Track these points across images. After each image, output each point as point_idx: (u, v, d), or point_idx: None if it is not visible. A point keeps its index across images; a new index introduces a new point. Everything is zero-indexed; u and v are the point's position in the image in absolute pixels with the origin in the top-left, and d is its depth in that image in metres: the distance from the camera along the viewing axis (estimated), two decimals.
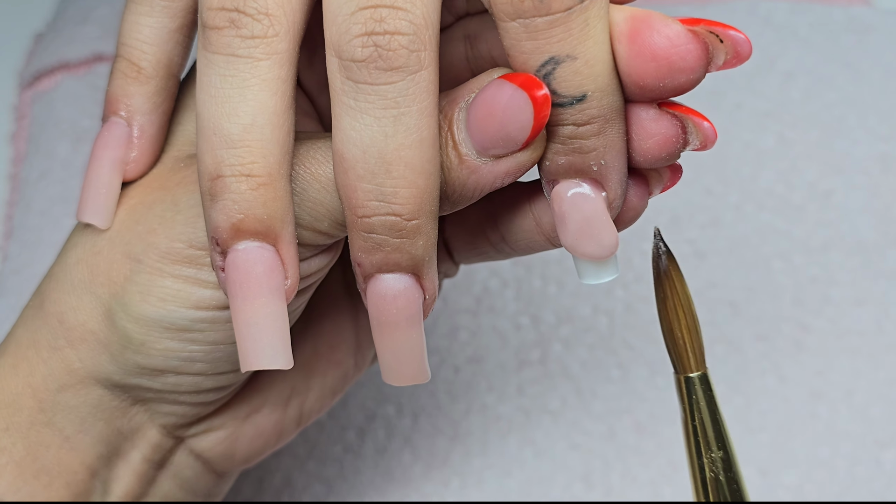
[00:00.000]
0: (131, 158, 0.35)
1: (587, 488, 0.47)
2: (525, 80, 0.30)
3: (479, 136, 0.30)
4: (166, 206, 0.33)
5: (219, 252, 0.31)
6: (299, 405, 0.38)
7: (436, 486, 0.47)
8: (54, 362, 0.34)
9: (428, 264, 0.31)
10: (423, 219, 0.30)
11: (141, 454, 0.36)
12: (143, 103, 0.35)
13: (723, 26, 0.30)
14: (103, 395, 0.35)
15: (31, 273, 0.52)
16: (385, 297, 0.31)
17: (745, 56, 0.30)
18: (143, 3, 0.34)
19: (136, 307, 0.33)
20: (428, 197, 0.30)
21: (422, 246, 0.30)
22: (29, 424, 0.35)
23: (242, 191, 0.30)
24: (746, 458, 0.47)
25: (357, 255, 0.31)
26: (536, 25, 0.29)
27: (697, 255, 0.51)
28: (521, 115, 0.30)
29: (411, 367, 0.32)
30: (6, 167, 0.56)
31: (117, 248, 0.34)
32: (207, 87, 0.30)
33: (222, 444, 0.37)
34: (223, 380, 0.35)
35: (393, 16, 0.29)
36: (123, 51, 0.35)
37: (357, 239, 0.30)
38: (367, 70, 0.29)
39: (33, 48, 0.59)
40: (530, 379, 0.49)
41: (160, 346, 0.34)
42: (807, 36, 0.57)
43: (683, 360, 0.32)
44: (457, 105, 0.31)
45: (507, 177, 0.31)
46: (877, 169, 0.53)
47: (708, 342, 0.49)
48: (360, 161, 0.29)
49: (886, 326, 0.49)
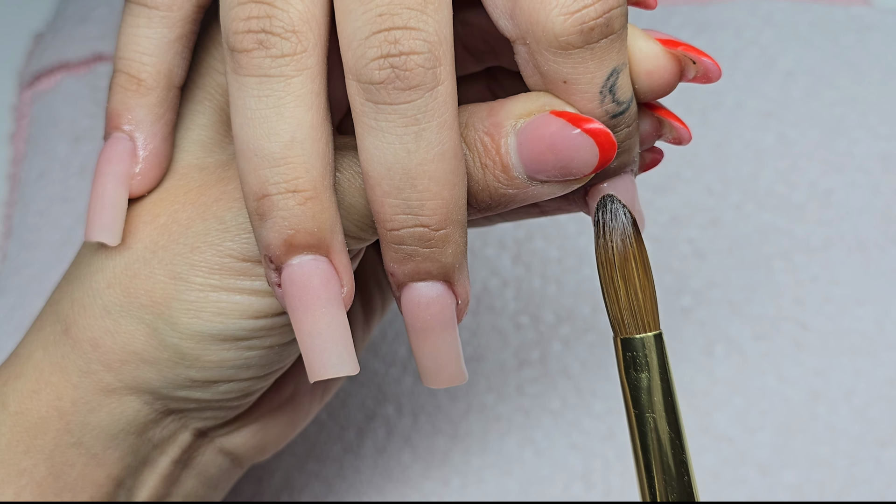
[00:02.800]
0: (137, 172, 0.34)
1: (587, 488, 0.47)
2: (585, 120, 0.31)
3: (535, 166, 0.31)
4: (209, 225, 0.33)
5: (273, 269, 0.31)
6: (323, 383, 0.39)
7: (435, 486, 0.47)
8: (86, 386, 0.34)
9: (458, 271, 0.32)
10: (451, 228, 0.31)
11: (169, 458, 0.36)
12: (145, 115, 0.34)
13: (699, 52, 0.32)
14: (140, 409, 0.35)
15: (31, 273, 0.52)
16: (419, 304, 0.32)
17: (714, 79, 0.33)
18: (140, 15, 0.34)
19: (188, 324, 0.33)
20: (454, 206, 0.30)
21: (451, 254, 0.31)
22: (54, 446, 0.34)
23: (290, 207, 0.30)
24: (746, 457, 0.47)
25: (389, 266, 0.31)
26: (601, 47, 0.30)
27: (697, 254, 0.51)
28: (585, 157, 0.31)
29: (448, 370, 0.33)
30: (5, 167, 0.56)
31: (156, 269, 0.34)
32: (243, 110, 0.30)
33: (255, 437, 0.38)
34: (271, 379, 0.36)
35: (407, 36, 0.29)
36: (122, 64, 0.34)
37: (388, 251, 0.31)
38: (386, 91, 0.29)
39: (33, 48, 0.59)
40: (530, 378, 0.49)
41: (216, 358, 0.34)
42: (807, 35, 0.57)
43: (648, 318, 0.33)
44: (503, 129, 0.31)
45: (553, 196, 0.32)
46: (877, 168, 0.53)
47: (707, 342, 0.49)
48: (385, 178, 0.30)
49: (887, 326, 0.49)
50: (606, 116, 0.31)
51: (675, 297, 0.50)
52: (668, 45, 0.32)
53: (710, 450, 0.47)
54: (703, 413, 0.48)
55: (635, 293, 0.32)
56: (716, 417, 0.48)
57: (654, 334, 0.33)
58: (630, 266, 0.32)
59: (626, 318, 0.32)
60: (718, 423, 0.48)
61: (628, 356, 0.33)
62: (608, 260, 0.32)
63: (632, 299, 0.32)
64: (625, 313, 0.32)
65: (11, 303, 0.51)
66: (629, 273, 0.32)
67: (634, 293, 0.32)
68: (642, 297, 0.32)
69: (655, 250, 0.51)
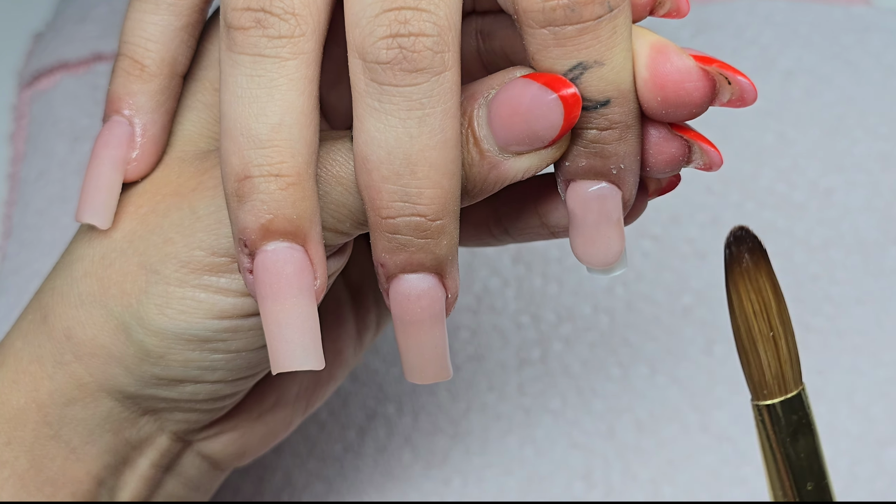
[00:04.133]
0: (133, 158, 0.34)
1: (588, 487, 0.47)
2: (550, 79, 0.30)
3: (504, 133, 0.30)
4: (183, 214, 0.33)
5: (246, 254, 0.30)
6: (307, 398, 0.39)
7: (436, 485, 0.47)
8: (61, 377, 0.34)
9: (450, 263, 0.31)
10: (447, 219, 0.30)
11: (149, 461, 0.36)
12: (146, 102, 0.34)
13: (734, 71, 0.31)
14: (113, 406, 0.34)
15: (30, 272, 0.52)
16: (409, 296, 0.31)
17: (749, 101, 0.31)
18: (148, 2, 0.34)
19: (153, 320, 0.33)
20: (451, 197, 0.30)
21: (445, 245, 0.30)
22: (34, 438, 0.34)
23: (272, 191, 0.29)
24: (747, 457, 0.47)
25: (380, 256, 0.31)
26: (566, 33, 0.30)
27: (697, 254, 0.51)
28: (551, 115, 0.30)
29: (434, 366, 0.32)
30: (5, 167, 0.56)
31: (131, 259, 0.33)
32: (233, 88, 0.30)
33: (234, 444, 0.37)
34: (241, 385, 0.35)
35: (417, 17, 0.29)
36: (127, 49, 0.34)
37: (381, 240, 0.30)
38: (392, 72, 0.29)
39: (32, 48, 0.59)
40: (531, 378, 0.49)
41: (181, 357, 0.33)
42: (807, 35, 0.57)
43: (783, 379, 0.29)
44: (475, 101, 0.31)
45: (527, 172, 0.31)
46: (877, 167, 0.53)
47: (708, 341, 0.49)
48: (384, 162, 0.29)
49: (887, 325, 0.49)
50: None
51: (675, 296, 0.50)
52: (701, 61, 0.31)
53: (710, 449, 0.47)
54: (703, 412, 0.48)
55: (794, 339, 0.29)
56: (716, 417, 0.48)
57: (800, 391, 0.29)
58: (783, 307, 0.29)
59: (789, 373, 0.29)
60: (719, 423, 0.48)
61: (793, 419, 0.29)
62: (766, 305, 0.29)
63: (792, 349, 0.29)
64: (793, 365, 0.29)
65: (11, 303, 0.51)
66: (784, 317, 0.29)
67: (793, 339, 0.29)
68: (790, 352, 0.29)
69: (655, 250, 0.51)
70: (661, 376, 0.49)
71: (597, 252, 0.32)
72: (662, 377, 0.49)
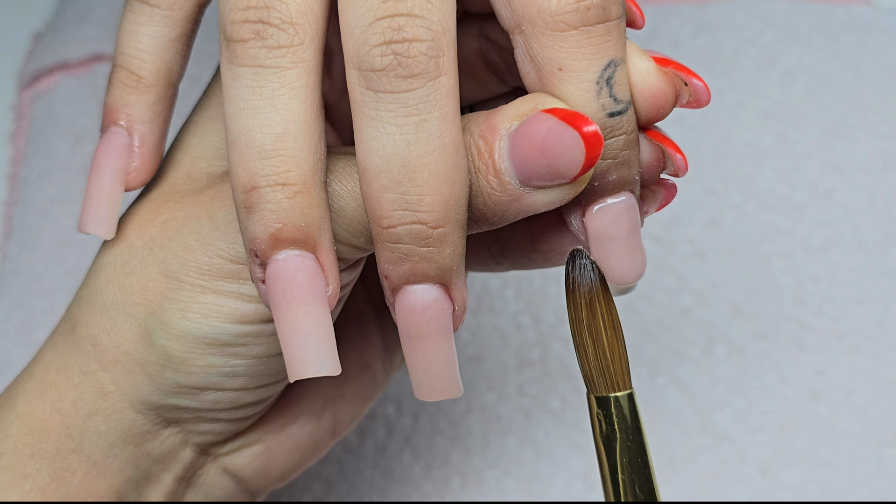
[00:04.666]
0: (133, 168, 0.35)
1: (587, 488, 0.47)
2: (568, 114, 0.30)
3: (524, 168, 0.30)
4: (202, 223, 0.33)
5: (258, 264, 0.30)
6: (333, 414, 0.38)
7: (436, 486, 0.47)
8: (85, 387, 0.34)
9: (456, 274, 0.30)
10: (450, 227, 0.30)
11: (172, 475, 0.36)
12: (143, 112, 0.34)
13: (688, 72, 0.32)
14: (135, 419, 0.34)
15: (31, 273, 0.52)
16: (414, 309, 0.30)
17: (704, 103, 0.32)
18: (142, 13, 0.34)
19: (176, 324, 0.33)
20: (454, 204, 0.29)
21: (449, 255, 0.30)
22: (55, 451, 0.34)
23: (279, 200, 0.29)
24: (747, 457, 0.47)
25: (384, 268, 0.30)
26: (598, 31, 0.30)
27: (697, 254, 0.51)
28: (571, 153, 0.30)
29: (443, 381, 0.31)
30: (5, 167, 0.56)
31: (151, 266, 0.33)
32: (236, 100, 0.30)
33: (258, 459, 0.37)
34: (263, 393, 0.35)
35: (411, 24, 0.29)
36: (122, 60, 0.34)
37: (383, 251, 0.30)
38: (388, 78, 0.29)
39: (32, 48, 0.59)
40: (531, 378, 0.49)
41: (202, 363, 0.33)
42: (807, 35, 0.57)
43: (617, 377, 0.31)
44: (497, 132, 0.30)
45: (550, 206, 0.31)
46: (878, 168, 0.53)
47: (708, 342, 0.49)
48: (383, 171, 0.29)
49: (887, 325, 0.49)
50: (602, 112, 0.30)
51: (676, 297, 0.50)
52: (659, 63, 0.31)
53: (710, 450, 0.47)
54: (703, 413, 0.48)
55: (603, 352, 0.31)
56: (716, 417, 0.48)
57: (626, 394, 0.31)
58: (598, 324, 0.31)
59: (597, 377, 0.31)
60: (719, 423, 0.48)
61: (599, 414, 0.31)
62: (577, 317, 0.31)
63: (600, 358, 0.31)
64: (594, 371, 0.31)
65: (11, 303, 0.51)
66: (597, 332, 0.31)
67: (603, 352, 0.31)
68: (611, 356, 0.31)
69: (655, 250, 0.51)
70: (661, 377, 0.49)
71: (633, 266, 0.32)
72: (662, 378, 0.49)
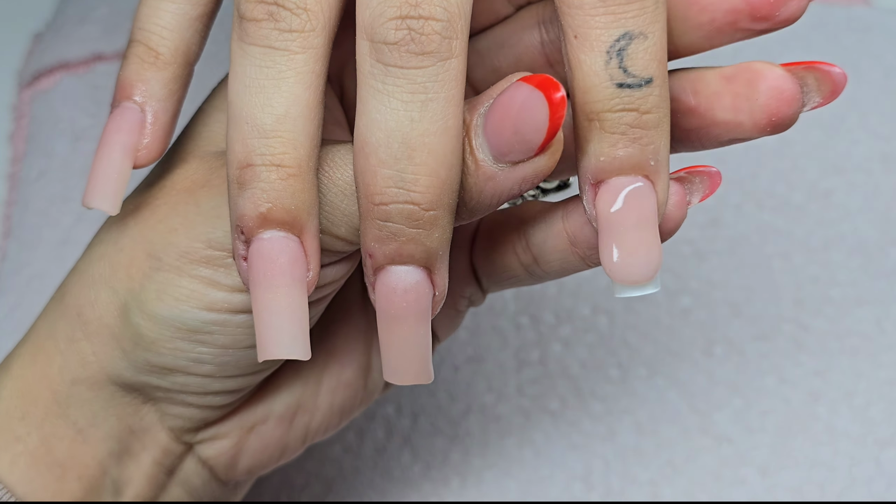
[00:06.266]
0: (143, 145, 0.34)
1: (587, 488, 0.47)
2: (542, 80, 0.30)
3: (495, 139, 0.30)
4: (189, 208, 0.33)
5: (242, 241, 0.31)
6: (305, 423, 0.38)
7: (435, 486, 0.47)
8: (70, 354, 0.35)
9: (441, 259, 0.30)
10: (441, 210, 0.30)
11: (151, 457, 0.36)
12: (159, 89, 0.34)
13: (815, 64, 0.32)
14: (115, 391, 0.35)
15: (30, 272, 0.52)
16: (395, 289, 0.30)
17: (839, 88, 0.33)
18: None
19: (151, 305, 0.33)
20: (447, 189, 0.30)
21: (437, 238, 0.30)
22: (44, 415, 0.35)
23: (272, 180, 0.30)
24: (746, 458, 0.47)
25: (369, 245, 0.30)
26: (615, 0, 0.30)
27: (697, 255, 0.51)
28: (537, 116, 0.29)
29: (415, 366, 0.31)
30: (5, 166, 0.56)
31: (139, 245, 0.34)
32: (242, 77, 0.30)
33: (227, 452, 0.37)
34: (230, 384, 0.35)
35: (428, 1, 0.29)
36: (141, 35, 0.34)
37: (371, 228, 0.30)
38: (399, 53, 0.29)
39: (33, 48, 0.59)
40: (530, 379, 0.49)
41: (170, 346, 0.34)
42: (807, 36, 0.57)
43: None
44: (476, 111, 0.30)
45: (524, 183, 0.31)
46: (877, 168, 0.53)
47: (707, 342, 0.49)
48: (383, 145, 0.29)
49: (887, 326, 0.49)
50: (609, 82, 0.30)
51: (675, 297, 0.50)
52: (790, 66, 0.31)
53: (710, 450, 0.47)
54: (703, 414, 0.48)
55: None
56: (716, 418, 0.48)
57: None
58: None
59: None
60: (718, 424, 0.48)
61: None
62: None
63: None
64: None
65: (11, 303, 0.51)
66: None
67: None
68: None
69: None
70: (661, 378, 0.49)
71: (637, 262, 0.31)
72: (661, 378, 0.49)
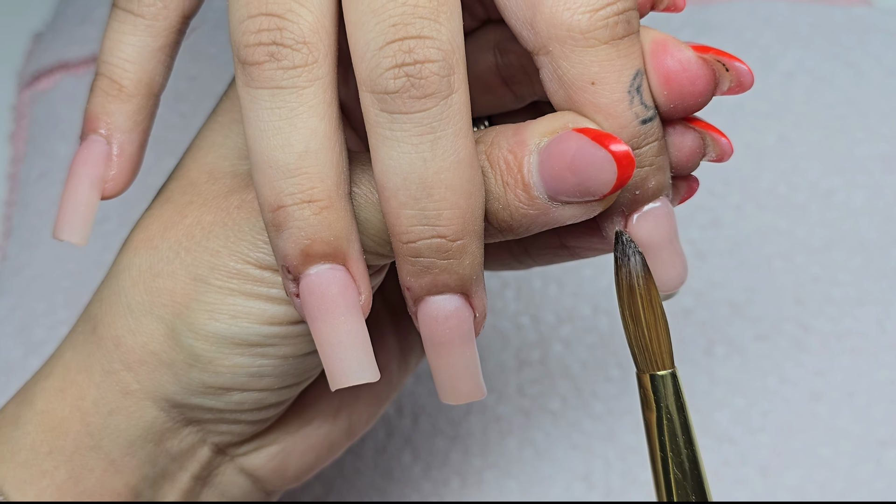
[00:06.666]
0: (110, 177, 0.35)
1: (587, 488, 0.47)
2: (599, 134, 0.30)
3: (554, 184, 0.31)
4: (228, 231, 0.33)
5: (291, 279, 0.31)
6: (348, 416, 0.39)
7: (435, 486, 0.47)
8: (107, 386, 0.34)
9: (476, 283, 0.31)
10: (468, 238, 0.30)
11: (189, 474, 0.36)
12: (123, 122, 0.35)
13: (730, 57, 0.32)
14: (157, 416, 0.35)
15: (31, 273, 0.52)
16: (437, 318, 0.31)
17: (747, 86, 0.32)
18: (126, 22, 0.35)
19: (204, 325, 0.33)
20: (471, 216, 0.30)
21: (469, 265, 0.31)
22: (74, 448, 0.34)
23: (306, 217, 0.30)
24: (747, 458, 0.47)
25: (406, 280, 0.31)
26: (625, 44, 0.31)
27: (698, 255, 0.51)
28: (603, 174, 0.30)
29: (467, 385, 0.32)
30: (5, 167, 0.56)
31: (179, 270, 0.34)
32: (256, 122, 0.30)
33: (274, 459, 0.37)
34: (286, 393, 0.35)
35: (421, 45, 0.29)
36: (105, 69, 0.35)
37: (405, 264, 0.31)
38: (402, 100, 0.29)
39: (32, 48, 0.59)
40: (530, 379, 0.49)
41: (229, 363, 0.34)
42: (807, 36, 0.57)
43: (656, 357, 0.32)
44: (526, 147, 0.31)
45: (575, 219, 0.31)
46: (878, 168, 0.53)
47: (708, 342, 0.49)
48: (401, 189, 0.30)
49: (888, 326, 0.49)
50: (636, 120, 0.31)
51: (676, 297, 0.50)
52: (699, 51, 0.32)
53: (711, 450, 0.47)
54: (703, 414, 0.48)
55: (643, 332, 0.32)
56: (717, 418, 0.48)
57: (668, 373, 0.32)
58: (637, 304, 0.32)
59: (639, 355, 0.32)
60: (719, 424, 0.48)
61: (641, 393, 0.32)
62: (619, 296, 0.32)
63: (641, 337, 0.32)
64: (636, 350, 0.32)
65: (11, 303, 0.51)
66: (636, 311, 0.32)
67: (643, 332, 0.32)
68: (649, 335, 0.32)
69: None
70: None
71: (679, 271, 0.33)
72: None
